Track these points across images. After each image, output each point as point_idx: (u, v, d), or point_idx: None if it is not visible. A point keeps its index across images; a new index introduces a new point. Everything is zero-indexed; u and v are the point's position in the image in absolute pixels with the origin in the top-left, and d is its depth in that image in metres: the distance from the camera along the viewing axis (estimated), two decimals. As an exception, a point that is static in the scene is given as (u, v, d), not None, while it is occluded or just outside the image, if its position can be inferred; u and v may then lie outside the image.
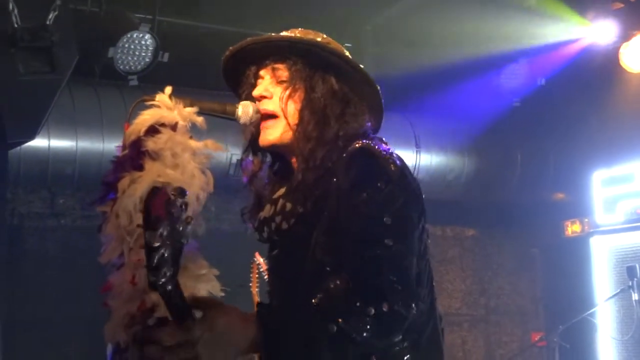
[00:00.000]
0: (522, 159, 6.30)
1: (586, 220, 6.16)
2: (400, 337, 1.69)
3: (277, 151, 2.08)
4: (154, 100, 2.32)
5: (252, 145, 2.14)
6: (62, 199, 5.63)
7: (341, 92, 1.99)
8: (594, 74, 5.79)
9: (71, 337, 5.24)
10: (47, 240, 5.61)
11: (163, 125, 2.27)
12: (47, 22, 3.92)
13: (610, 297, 5.71)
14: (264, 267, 4.79)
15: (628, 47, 5.56)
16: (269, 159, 2.15)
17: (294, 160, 2.04)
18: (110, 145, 4.89)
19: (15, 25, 3.83)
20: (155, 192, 1.46)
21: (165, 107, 2.31)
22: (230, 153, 5.31)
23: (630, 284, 5.46)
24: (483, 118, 5.96)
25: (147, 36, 4.48)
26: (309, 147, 1.93)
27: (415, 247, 1.78)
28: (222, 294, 2.20)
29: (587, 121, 5.99)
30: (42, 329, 5.26)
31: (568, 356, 5.50)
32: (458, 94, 5.74)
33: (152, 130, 2.26)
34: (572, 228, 6.31)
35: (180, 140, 2.27)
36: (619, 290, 5.64)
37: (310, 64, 1.98)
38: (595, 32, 5.50)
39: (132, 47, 4.48)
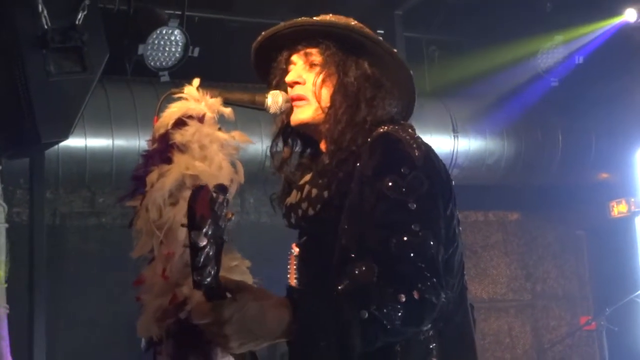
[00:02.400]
0: (563, 139, 6.17)
1: (632, 199, 6.02)
2: (430, 324, 1.68)
3: (307, 133, 2.07)
4: (181, 92, 2.32)
5: (283, 132, 2.13)
6: (102, 198, 5.68)
7: (374, 77, 1.97)
8: (632, 49, 5.66)
9: (113, 335, 5.29)
10: (89, 239, 5.66)
11: (190, 117, 2.25)
12: (77, 22, 3.93)
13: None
14: (302, 258, 4.77)
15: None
16: (299, 146, 2.13)
17: (322, 144, 2.03)
18: (145, 142, 4.89)
19: (46, 27, 3.85)
20: (199, 190, 1.43)
21: (192, 99, 2.30)
22: (266, 146, 5.28)
23: (679, 263, 5.33)
24: (521, 99, 5.84)
25: (177, 32, 4.47)
26: (338, 130, 1.91)
27: (442, 233, 1.75)
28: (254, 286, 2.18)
29: (628, 98, 5.84)
30: (83, 328, 5.32)
31: (616, 339, 5.38)
32: (495, 75, 5.64)
33: (180, 122, 2.25)
34: (618, 208, 6.18)
35: (207, 132, 2.25)
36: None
37: (343, 49, 1.97)
38: (628, 14, 5.37)
39: (162, 43, 4.48)
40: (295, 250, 4.81)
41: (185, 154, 2.20)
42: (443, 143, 5.61)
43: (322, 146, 2.03)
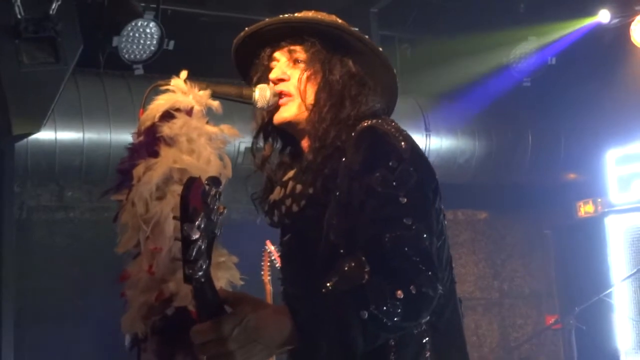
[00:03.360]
0: (533, 139, 6.23)
1: (599, 200, 6.09)
2: (428, 317, 1.67)
3: (290, 131, 2.05)
4: (168, 84, 2.27)
5: (263, 129, 2.12)
6: (70, 192, 5.58)
7: (358, 75, 1.96)
8: (604, 51, 5.73)
9: (80, 329, 5.21)
10: (56, 233, 5.57)
11: (178, 110, 2.22)
12: (51, 12, 3.88)
13: (627, 278, 5.65)
14: (275, 255, 4.76)
15: (638, 24, 5.47)
16: (279, 144, 2.13)
17: (304, 142, 2.01)
18: (118, 136, 4.84)
19: (19, 16, 3.79)
20: (192, 182, 1.40)
21: (180, 91, 2.26)
22: (239, 141, 5.23)
23: (646, 263, 5.41)
24: (493, 99, 5.88)
25: (152, 24, 4.41)
26: (322, 128, 1.90)
27: (434, 225, 1.75)
28: (242, 283, 2.15)
29: (599, 99, 5.90)
30: (51, 321, 5.23)
31: (584, 338, 5.44)
32: (467, 75, 5.66)
33: (167, 115, 2.21)
34: (585, 208, 6.25)
35: (196, 125, 2.21)
36: (635, 270, 5.58)
37: (328, 46, 1.96)
38: (602, 15, 5.43)
39: (137, 35, 4.41)
40: (270, 247, 4.82)
41: (172, 147, 2.16)
42: (415, 141, 5.59)
43: (304, 144, 2.01)
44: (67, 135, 4.90)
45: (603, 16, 5.40)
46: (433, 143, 5.86)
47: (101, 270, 4.04)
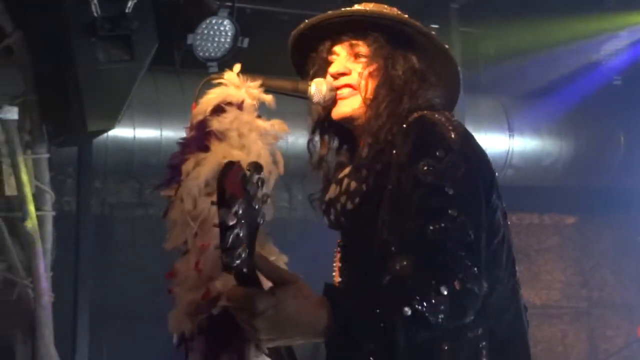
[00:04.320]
0: (625, 140, 5.95)
1: (695, 205, 5.76)
2: (473, 317, 1.58)
3: (347, 127, 2.01)
4: (221, 78, 2.24)
5: (320, 126, 2.08)
6: (149, 189, 5.67)
7: (420, 71, 1.92)
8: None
9: (157, 328, 5.26)
10: (136, 230, 5.66)
11: (229, 104, 2.18)
12: (126, 11, 3.91)
13: None
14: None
15: None
16: (336, 142, 2.08)
17: (360, 138, 1.96)
18: (194, 134, 4.86)
19: (95, 15, 3.83)
20: (230, 167, 1.35)
21: (232, 85, 2.22)
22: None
23: None
24: (581, 98, 5.64)
25: (227, 22, 4.42)
26: (378, 123, 1.86)
27: (483, 219, 1.66)
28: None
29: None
30: (129, 319, 5.31)
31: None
32: (553, 73, 5.45)
33: (219, 109, 2.18)
34: (681, 214, 5.92)
35: (246, 119, 2.17)
36: None
37: (391, 41, 1.92)
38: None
39: (212, 33, 4.43)
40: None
41: (223, 142, 2.13)
42: (498, 142, 5.47)
43: (361, 140, 1.96)
44: (145, 132, 4.96)
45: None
46: (517, 144, 5.67)
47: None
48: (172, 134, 5.00)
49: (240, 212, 1.32)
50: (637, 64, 5.41)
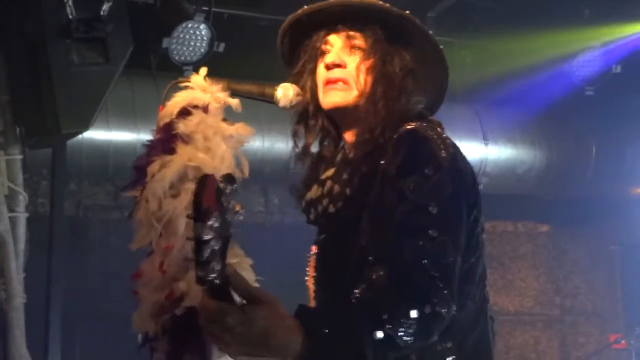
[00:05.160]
0: (597, 150, 6.01)
1: (667, 215, 5.84)
2: (436, 337, 1.58)
3: (337, 119, 1.95)
4: (188, 81, 2.26)
5: (305, 116, 2.02)
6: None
7: (414, 71, 1.88)
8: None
9: (129, 330, 5.25)
10: (111, 233, 5.65)
11: (196, 107, 2.20)
12: (102, 13, 3.92)
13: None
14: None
15: None
16: (320, 135, 2.02)
17: (348, 135, 1.92)
18: (170, 138, 4.87)
19: (70, 17, 3.84)
20: (205, 179, 1.34)
21: (199, 88, 2.24)
22: (291, 145, 5.23)
23: None
24: (554, 108, 5.69)
25: (203, 26, 4.43)
26: (375, 122, 1.81)
27: (462, 241, 1.66)
28: (257, 285, 2.11)
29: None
30: (102, 321, 5.30)
31: (646, 359, 5.21)
32: (527, 83, 5.51)
33: (185, 112, 2.20)
34: (653, 224, 6.00)
35: (212, 123, 2.19)
36: None
37: (389, 36, 1.87)
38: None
39: (187, 37, 4.44)
40: (314, 249, 4.77)
41: (188, 144, 2.15)
42: (473, 150, 5.49)
43: (347, 137, 1.92)
44: (121, 135, 4.97)
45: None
46: (491, 153, 5.71)
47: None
48: (148, 137, 4.99)
49: (216, 225, 1.33)
50: (609, 75, 5.47)
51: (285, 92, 2.13)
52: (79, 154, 4.87)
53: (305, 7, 1.96)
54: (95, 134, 4.74)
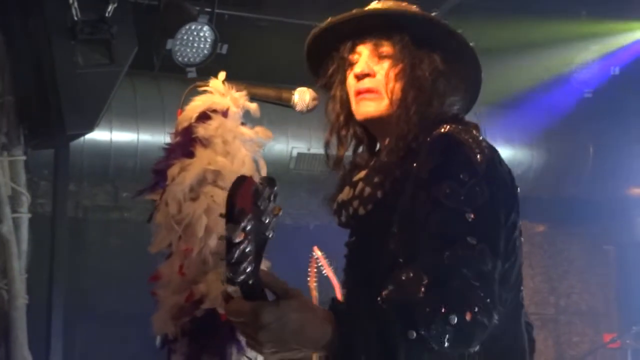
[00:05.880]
0: (595, 152, 6.06)
1: (663, 216, 5.90)
2: (478, 347, 1.55)
3: (371, 129, 1.95)
4: (207, 86, 2.28)
5: (338, 126, 1.98)
6: (125, 192, 5.67)
7: (445, 72, 1.85)
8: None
9: (130, 330, 5.27)
10: (111, 234, 5.65)
11: (215, 111, 2.22)
12: (106, 15, 3.93)
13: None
14: (322, 261, 4.74)
15: None
16: (354, 143, 2.01)
17: (383, 141, 1.91)
18: (171, 138, 4.89)
19: (75, 18, 3.85)
20: (241, 181, 1.33)
21: (217, 93, 2.26)
22: (291, 146, 5.26)
23: None
24: (553, 109, 5.74)
25: (206, 28, 4.44)
26: (408, 127, 1.79)
27: (501, 247, 1.63)
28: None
29: (663, 111, 5.72)
30: (101, 320, 5.31)
31: (642, 358, 5.26)
32: (528, 85, 5.55)
33: (204, 116, 2.22)
34: (648, 225, 6.05)
35: (231, 127, 2.21)
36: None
37: (417, 40, 1.85)
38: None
39: (191, 39, 4.45)
40: (317, 253, 4.81)
41: (207, 148, 2.17)
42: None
43: (383, 143, 1.91)
44: (122, 136, 4.98)
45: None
46: (489, 153, 5.74)
47: (152, 271, 4.09)
48: (150, 138, 5.02)
49: (249, 227, 1.31)
50: (608, 77, 5.52)
51: (302, 97, 2.16)
52: (80, 155, 4.88)
53: (330, 18, 1.93)
54: (97, 135, 4.74)
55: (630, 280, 6.41)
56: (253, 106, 2.22)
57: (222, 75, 2.24)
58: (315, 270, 4.71)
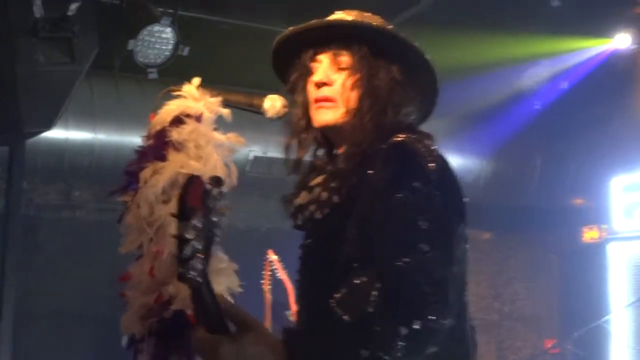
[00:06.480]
0: (542, 162, 6.25)
1: (604, 226, 6.10)
2: (435, 348, 1.59)
3: (329, 136, 2.00)
4: (180, 90, 2.31)
5: (298, 130, 2.03)
6: (78, 192, 5.63)
7: (402, 82, 1.90)
8: (616, 78, 5.73)
9: (81, 329, 5.24)
10: (62, 233, 5.60)
11: (188, 116, 2.25)
12: (69, 13, 3.90)
13: (627, 306, 5.64)
14: (276, 264, 4.79)
15: (651, 52, 5.50)
16: (312, 148, 2.05)
17: (340, 148, 1.96)
18: (128, 138, 4.87)
19: (37, 16, 3.82)
20: (192, 181, 1.39)
21: (191, 97, 2.29)
22: (248, 149, 5.29)
23: (647, 292, 5.41)
24: (503, 122, 5.90)
25: (168, 29, 4.46)
26: (362, 135, 1.85)
27: (454, 254, 1.67)
28: (241, 290, 2.17)
29: (608, 126, 5.92)
30: (52, 319, 5.26)
31: (582, 364, 5.44)
32: (478, 95, 5.68)
33: (177, 120, 2.24)
34: (590, 234, 6.25)
35: (204, 131, 2.24)
36: (635, 298, 5.57)
37: (375, 51, 1.89)
38: (617, 40, 5.47)
39: (153, 40, 4.46)
40: (272, 256, 4.86)
41: (180, 152, 2.19)
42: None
43: (340, 150, 1.96)
44: (78, 135, 4.95)
45: (620, 41, 5.41)
46: (441, 161, 5.86)
47: (103, 270, 4.07)
48: (106, 137, 5.01)
49: (199, 225, 1.37)
50: (556, 90, 5.70)
51: (273, 104, 2.20)
52: (35, 153, 4.83)
53: (291, 28, 1.99)
54: (52, 133, 4.70)
55: (572, 287, 6.59)
56: (226, 112, 2.26)
57: (196, 80, 2.27)
58: (269, 273, 4.76)
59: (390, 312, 1.53)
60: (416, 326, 1.51)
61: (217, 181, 1.44)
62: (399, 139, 1.77)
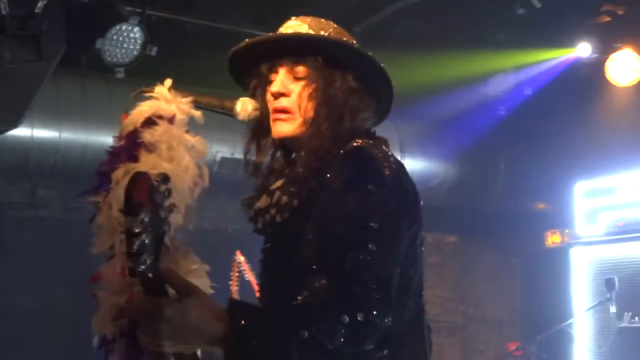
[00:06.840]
0: (506, 167, 6.34)
1: (567, 231, 6.19)
2: (372, 346, 1.66)
3: (288, 144, 2.05)
4: (153, 91, 2.30)
5: (257, 134, 2.09)
6: (43, 190, 5.56)
7: (358, 90, 1.96)
8: (580, 86, 5.84)
9: (45, 329, 5.18)
10: (25, 232, 5.53)
11: (160, 117, 2.24)
12: (36, 11, 3.87)
13: (589, 309, 5.73)
14: (244, 265, 4.79)
15: (613, 60, 5.61)
16: (271, 150, 2.10)
17: (299, 154, 2.00)
18: (94, 137, 4.85)
19: (4, 12, 3.79)
20: (138, 177, 1.43)
21: (163, 99, 2.28)
22: (215, 150, 5.29)
23: (608, 296, 5.48)
24: (468, 126, 5.96)
25: (136, 29, 4.43)
26: (320, 143, 1.90)
27: (401, 255, 1.75)
28: (212, 291, 2.17)
29: (571, 132, 6.02)
30: (16, 319, 5.20)
31: (545, 367, 5.51)
32: (444, 100, 5.74)
33: (150, 122, 2.24)
34: (552, 239, 6.34)
35: (176, 133, 2.24)
36: (597, 302, 5.66)
37: (330, 62, 1.95)
38: (579, 49, 5.58)
39: (121, 39, 4.43)
40: (240, 257, 4.85)
41: (152, 153, 2.19)
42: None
43: (298, 154, 2.01)
44: (43, 133, 4.90)
45: (582, 50, 5.52)
46: (407, 165, 5.81)
47: (68, 270, 4.04)
48: (72, 136, 4.96)
49: (147, 220, 1.40)
50: (521, 96, 5.78)
51: (244, 106, 2.20)
52: (-1, 151, 4.78)
53: (247, 40, 2.04)
54: (17, 131, 4.65)
55: (535, 291, 6.68)
56: (197, 114, 2.26)
57: (168, 82, 2.26)
58: (237, 274, 4.75)
59: (336, 302, 1.60)
60: (359, 317, 1.58)
61: (164, 178, 1.48)
62: (356, 144, 1.84)
